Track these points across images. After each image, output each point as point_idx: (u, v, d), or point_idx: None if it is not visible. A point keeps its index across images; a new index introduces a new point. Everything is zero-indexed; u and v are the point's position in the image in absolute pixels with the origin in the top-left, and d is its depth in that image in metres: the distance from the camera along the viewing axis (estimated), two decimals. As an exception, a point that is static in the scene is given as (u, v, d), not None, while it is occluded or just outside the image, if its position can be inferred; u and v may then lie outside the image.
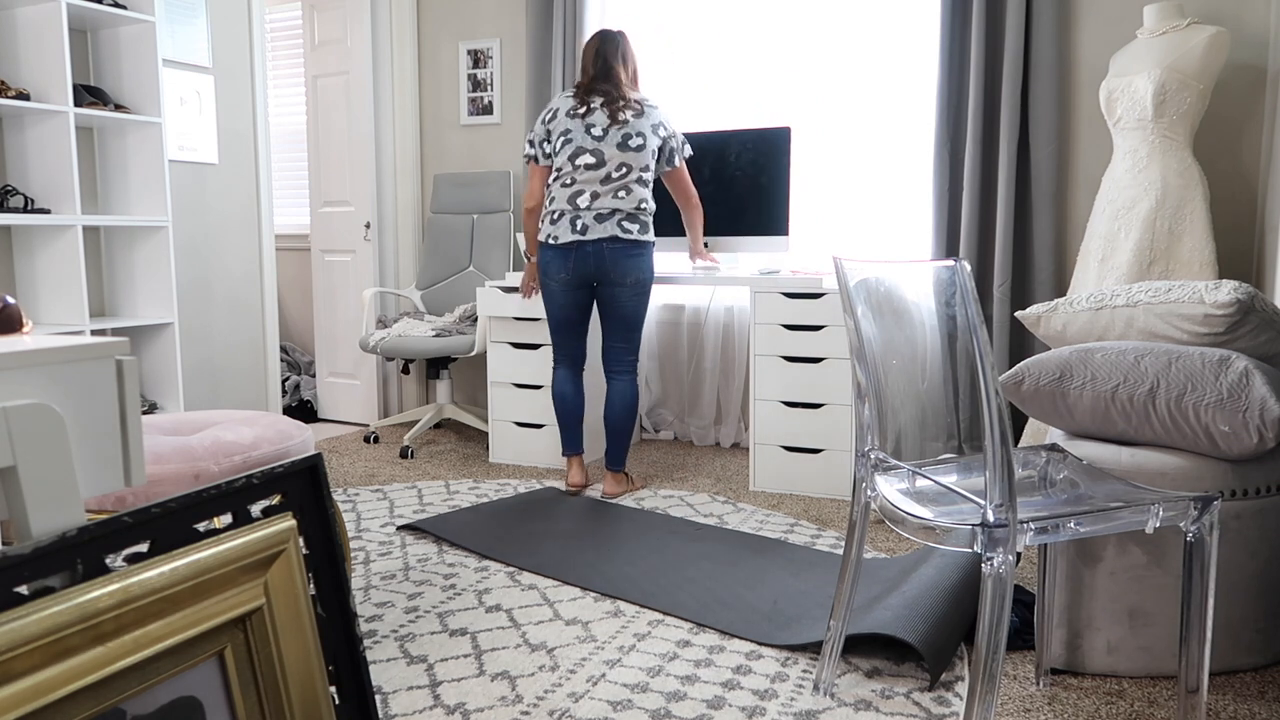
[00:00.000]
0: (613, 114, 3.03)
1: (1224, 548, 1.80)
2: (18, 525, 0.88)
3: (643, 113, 3.06)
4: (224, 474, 1.86)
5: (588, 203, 3.01)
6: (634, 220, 3.01)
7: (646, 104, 3.10)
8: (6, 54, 3.22)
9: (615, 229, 2.99)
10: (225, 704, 0.95)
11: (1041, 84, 3.31)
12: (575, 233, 3.01)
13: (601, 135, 3.02)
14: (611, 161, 3.02)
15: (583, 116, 3.05)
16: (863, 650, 2.01)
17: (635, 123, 3.03)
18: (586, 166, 3.02)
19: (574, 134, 3.05)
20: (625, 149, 3.01)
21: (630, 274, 3.03)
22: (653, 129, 3.07)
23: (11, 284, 3.35)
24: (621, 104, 3.04)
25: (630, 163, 3.01)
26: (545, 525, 2.85)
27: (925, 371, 1.62)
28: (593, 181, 3.01)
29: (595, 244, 3.00)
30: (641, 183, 3.03)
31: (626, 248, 3.01)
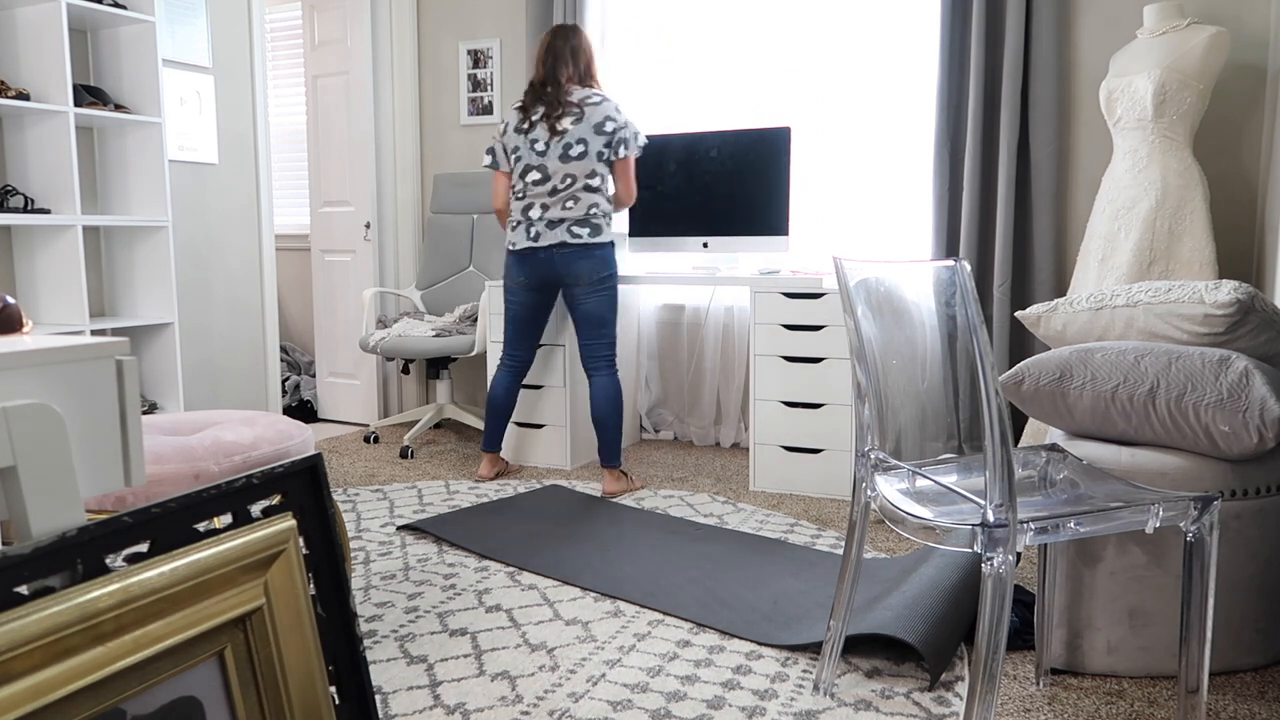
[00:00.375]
0: (551, 126, 3.13)
1: (1224, 548, 1.80)
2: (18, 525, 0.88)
3: (583, 116, 3.12)
4: (224, 474, 1.86)
5: (539, 214, 3.17)
6: (584, 224, 3.14)
7: (588, 102, 3.13)
8: (6, 54, 3.22)
9: (565, 234, 3.14)
10: (225, 704, 0.95)
11: (1041, 84, 3.31)
12: (529, 240, 3.18)
13: (544, 150, 3.15)
14: (556, 175, 3.14)
15: (526, 132, 3.19)
16: (863, 650, 2.01)
17: (575, 130, 3.12)
18: (534, 182, 3.18)
19: (522, 151, 3.19)
20: (567, 160, 3.13)
21: (584, 275, 3.16)
22: (595, 129, 3.12)
23: (11, 284, 3.35)
24: (560, 113, 3.13)
25: (574, 173, 3.13)
26: (545, 525, 2.85)
27: (925, 371, 1.62)
28: (541, 195, 3.17)
29: (547, 250, 3.17)
30: (588, 189, 3.14)
31: (575, 251, 3.15)
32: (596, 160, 3.14)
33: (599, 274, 3.17)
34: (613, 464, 3.25)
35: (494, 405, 3.39)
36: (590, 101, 3.13)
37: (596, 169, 3.14)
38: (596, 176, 3.14)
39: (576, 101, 3.13)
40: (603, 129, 3.13)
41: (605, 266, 3.19)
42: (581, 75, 3.20)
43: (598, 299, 3.20)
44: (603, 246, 3.18)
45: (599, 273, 3.17)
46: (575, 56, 3.19)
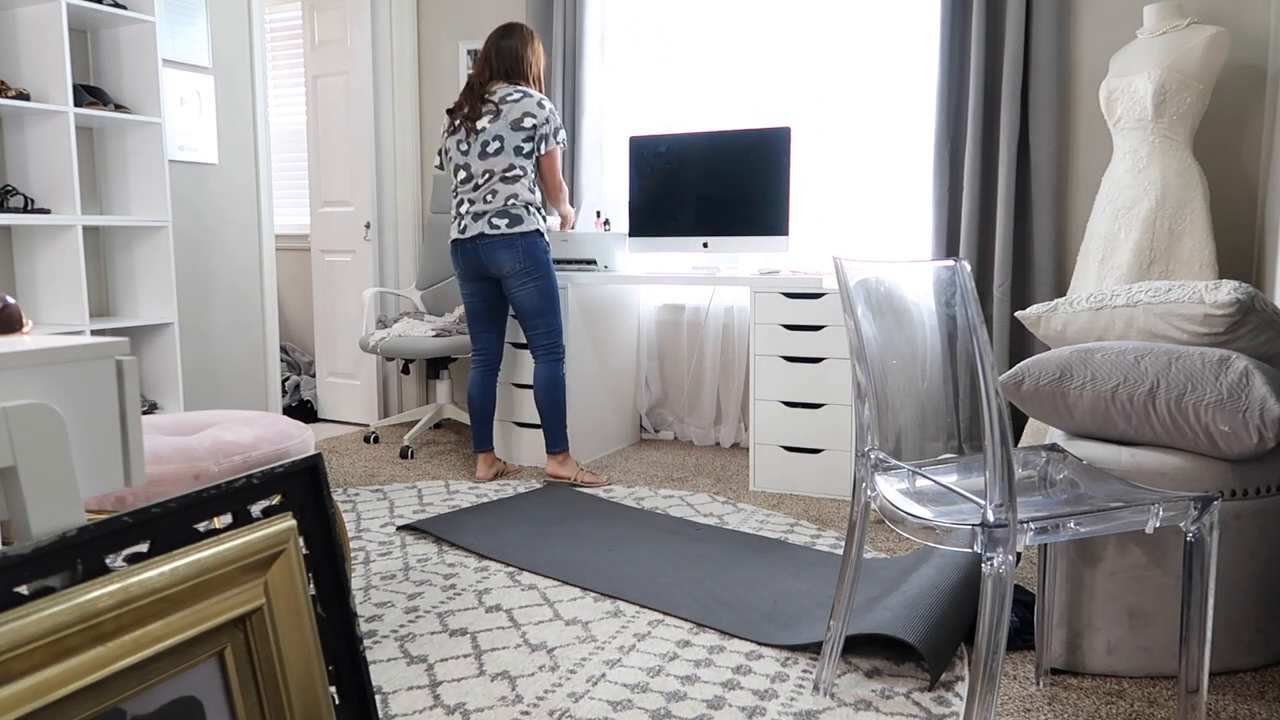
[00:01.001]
0: (469, 127, 3.24)
1: (1224, 548, 1.80)
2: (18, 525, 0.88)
3: (499, 114, 3.19)
4: (224, 474, 1.86)
5: (466, 208, 3.26)
6: (502, 215, 3.19)
7: (507, 100, 3.20)
8: (6, 54, 3.22)
9: (485, 226, 3.21)
10: (225, 704, 0.95)
11: (1041, 84, 3.31)
12: (459, 232, 3.28)
13: (466, 149, 3.25)
14: (477, 171, 3.23)
15: (454, 133, 3.30)
16: (863, 650, 2.01)
17: (491, 128, 3.20)
18: (461, 181, 3.28)
19: (452, 152, 3.32)
20: (485, 156, 3.21)
21: (505, 265, 3.22)
22: (512, 125, 3.18)
23: (11, 284, 3.35)
24: (478, 113, 3.22)
25: (491, 168, 3.21)
26: (545, 525, 2.85)
27: (925, 371, 1.62)
28: (467, 191, 3.27)
29: (472, 241, 3.25)
30: (506, 180, 3.20)
31: (495, 241, 3.20)
32: (514, 155, 3.19)
33: (521, 264, 3.20)
34: (552, 449, 3.34)
35: (472, 405, 3.44)
36: (510, 99, 3.20)
37: (515, 163, 3.20)
38: (514, 170, 3.19)
39: (496, 100, 3.21)
40: (520, 125, 3.19)
41: (528, 256, 3.21)
42: (508, 72, 3.25)
43: (526, 290, 3.23)
44: (524, 236, 3.20)
45: (521, 262, 3.20)
46: (502, 55, 3.26)
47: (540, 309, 3.26)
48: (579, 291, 3.65)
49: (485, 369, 3.42)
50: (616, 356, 3.93)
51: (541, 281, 3.25)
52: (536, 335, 3.30)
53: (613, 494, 3.25)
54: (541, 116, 3.21)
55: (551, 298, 3.28)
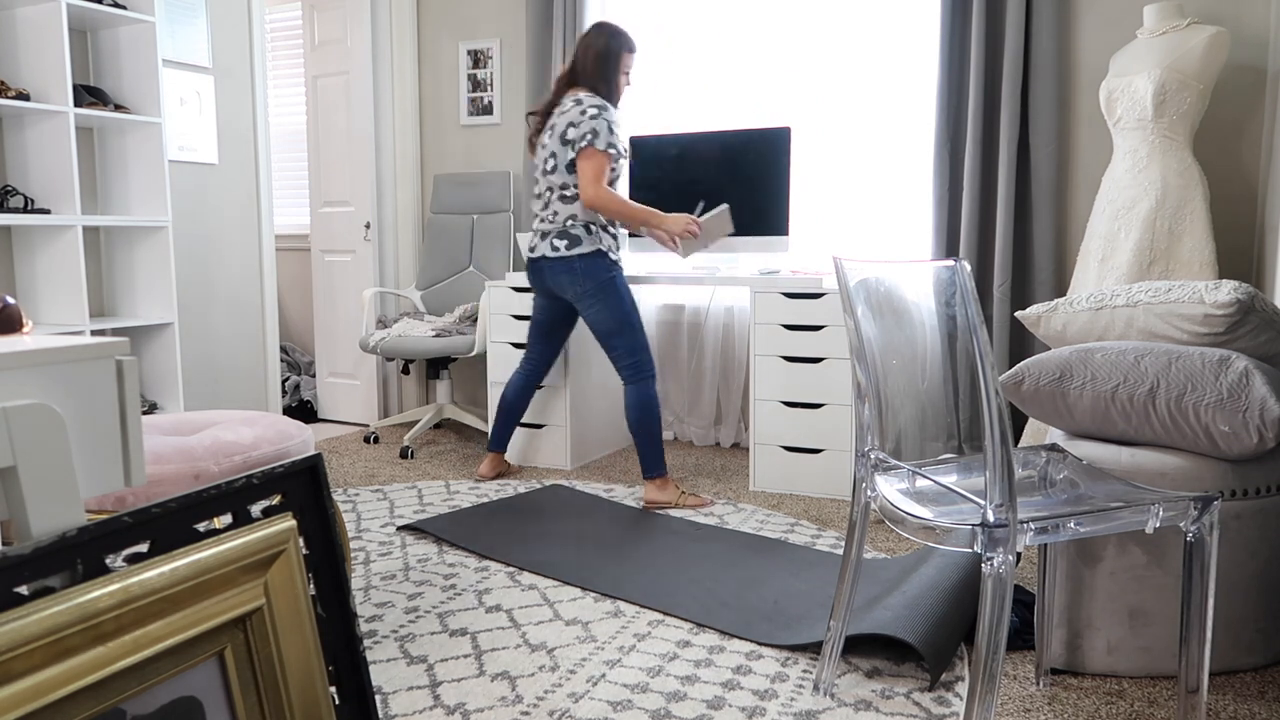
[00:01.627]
0: (533, 145, 3.22)
1: (1224, 548, 1.80)
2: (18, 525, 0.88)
3: (553, 127, 3.11)
4: (224, 474, 1.86)
5: (536, 224, 3.20)
6: (562, 237, 3.08)
7: (559, 110, 3.11)
8: (6, 54, 3.22)
9: (547, 248, 3.12)
10: (225, 704, 0.95)
11: (1041, 84, 3.31)
12: (529, 251, 3.22)
13: (537, 163, 3.20)
14: (541, 187, 3.19)
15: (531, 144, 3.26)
16: (863, 650, 2.01)
17: (549, 143, 3.13)
18: (535, 195, 3.23)
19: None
20: (545, 174, 3.15)
21: (569, 288, 3.10)
22: (560, 139, 3.07)
23: (11, 284, 3.35)
24: (541, 126, 3.18)
25: (551, 185, 3.13)
26: (545, 525, 2.85)
27: (925, 371, 1.62)
28: (538, 206, 3.21)
29: (538, 262, 3.17)
30: (563, 199, 3.09)
31: (556, 265, 3.10)
32: (566, 172, 3.07)
33: (583, 286, 3.06)
34: (649, 474, 3.09)
35: (503, 403, 3.36)
36: (561, 110, 3.10)
37: (568, 180, 3.08)
38: (568, 187, 3.08)
39: (555, 111, 3.13)
40: (565, 138, 3.06)
41: (588, 278, 3.05)
42: (577, 76, 3.11)
43: (594, 312, 3.08)
44: (584, 258, 3.05)
45: (582, 285, 3.06)
46: (577, 58, 3.12)
47: (612, 330, 3.07)
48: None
49: (527, 376, 3.33)
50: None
51: (608, 302, 3.06)
52: (617, 357, 3.09)
53: (613, 494, 3.25)
54: (581, 121, 3.02)
55: (622, 318, 3.06)
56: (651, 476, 3.09)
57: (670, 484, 3.11)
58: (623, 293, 3.08)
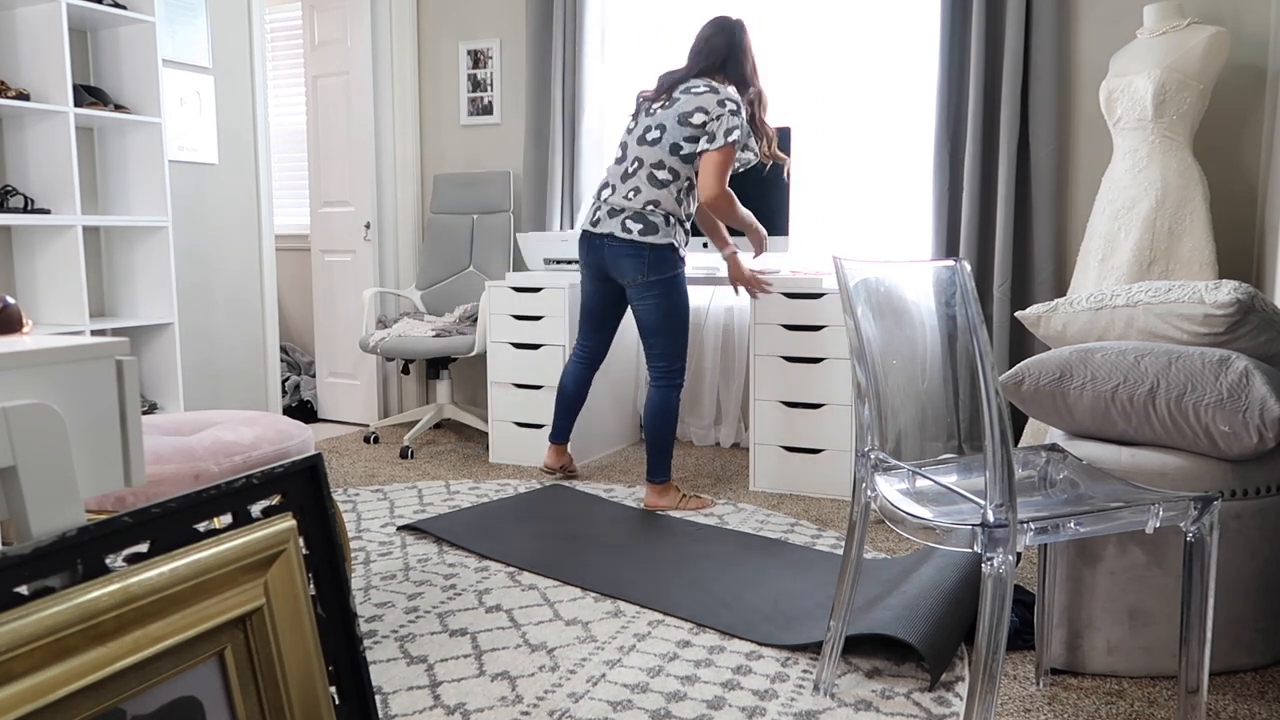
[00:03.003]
0: (646, 110, 2.97)
1: (1224, 548, 1.80)
2: (18, 525, 0.88)
3: (674, 101, 2.90)
4: (224, 474, 1.86)
5: (607, 194, 2.99)
6: (638, 220, 2.89)
7: (692, 90, 2.89)
8: (6, 54, 3.22)
9: (616, 227, 2.92)
10: (225, 704, 0.95)
11: (1041, 84, 3.31)
12: (589, 224, 3.01)
13: (633, 128, 2.99)
14: (630, 157, 2.96)
15: (636, 114, 3.03)
16: (863, 650, 2.01)
17: (661, 114, 2.91)
18: (616, 160, 3.02)
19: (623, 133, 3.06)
20: (643, 143, 2.93)
21: (629, 274, 2.93)
22: (680, 118, 2.87)
23: (11, 284, 3.35)
24: (664, 97, 2.93)
25: (643, 157, 2.92)
26: (545, 525, 2.85)
27: (925, 371, 1.62)
28: (615, 176, 3.00)
29: (600, 239, 2.97)
30: (654, 181, 2.89)
31: (623, 247, 2.91)
32: (670, 152, 2.87)
33: (645, 276, 2.91)
34: (653, 478, 3.06)
35: (563, 396, 3.21)
36: (693, 90, 2.89)
37: (666, 160, 2.88)
38: (664, 169, 2.88)
39: (680, 89, 2.92)
40: (689, 120, 2.86)
41: (654, 269, 2.90)
42: (712, 69, 2.94)
43: (647, 304, 2.94)
44: (656, 248, 2.89)
45: (645, 275, 2.91)
46: (711, 48, 2.94)
47: (660, 328, 2.96)
48: (579, 292, 3.65)
49: (585, 365, 3.19)
50: (616, 356, 3.93)
51: (666, 299, 2.93)
52: (653, 355, 3.00)
53: (613, 494, 3.25)
54: (716, 113, 2.84)
55: (675, 318, 2.96)
56: (655, 481, 3.06)
57: (672, 489, 3.08)
58: (683, 292, 2.98)
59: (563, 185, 4.15)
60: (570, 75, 4.08)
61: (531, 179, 4.18)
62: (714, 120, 2.84)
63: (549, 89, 4.13)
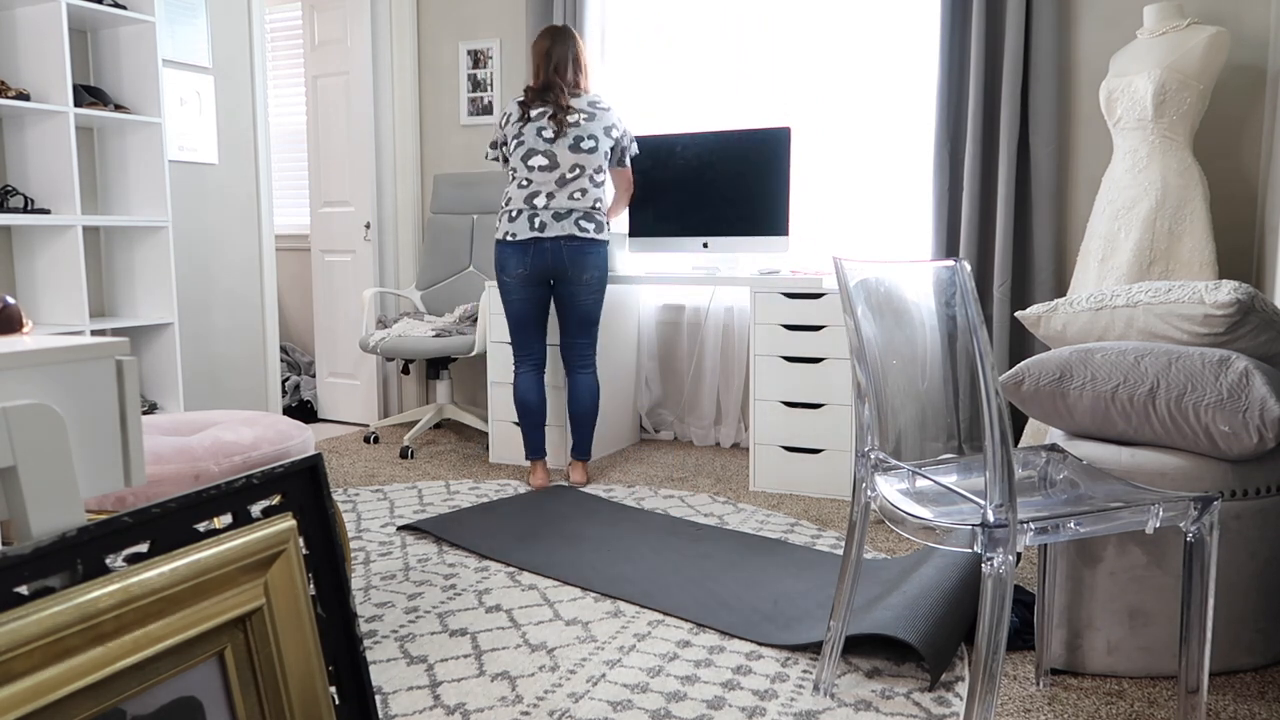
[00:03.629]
0: (560, 121, 3.15)
1: (1224, 548, 1.80)
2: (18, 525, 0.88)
3: (594, 116, 3.18)
4: (224, 474, 1.86)
5: (545, 202, 3.13)
6: (590, 219, 3.13)
7: (598, 106, 3.21)
8: (6, 54, 3.22)
9: (573, 227, 3.11)
10: (225, 704, 0.95)
11: (1041, 84, 3.31)
12: (534, 230, 3.13)
13: (553, 138, 3.16)
14: (565, 163, 3.14)
15: (533, 120, 3.18)
16: (863, 650, 2.01)
17: (586, 125, 3.16)
18: (540, 168, 3.15)
19: (526, 137, 3.17)
20: (578, 151, 3.14)
21: (587, 270, 3.15)
22: (605, 130, 3.19)
23: (11, 284, 3.35)
24: (568, 111, 3.16)
25: (583, 164, 3.14)
26: (545, 525, 2.85)
27: (925, 371, 1.62)
28: (548, 183, 3.14)
29: (554, 241, 3.12)
30: (595, 183, 3.16)
31: (584, 245, 3.13)
32: (605, 159, 3.20)
33: (599, 271, 3.19)
34: (586, 457, 3.37)
35: (529, 409, 3.28)
36: (600, 105, 3.22)
37: (603, 165, 3.20)
38: (602, 173, 3.19)
39: (585, 104, 3.20)
40: (610, 133, 3.21)
41: (606, 265, 3.23)
42: (582, 82, 3.26)
43: (593, 298, 3.23)
44: (605, 244, 3.21)
45: (599, 270, 3.19)
46: (576, 63, 3.24)
47: (596, 318, 3.28)
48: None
49: (538, 372, 3.30)
50: (616, 356, 3.93)
51: (603, 293, 3.27)
52: (586, 345, 3.27)
53: (613, 494, 3.25)
54: (623, 129, 3.29)
55: (601, 310, 3.33)
56: (588, 459, 3.36)
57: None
58: None
59: (563, 185, 4.15)
60: (570, 75, 4.08)
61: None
62: (625, 135, 3.29)
63: (549, 89, 4.13)
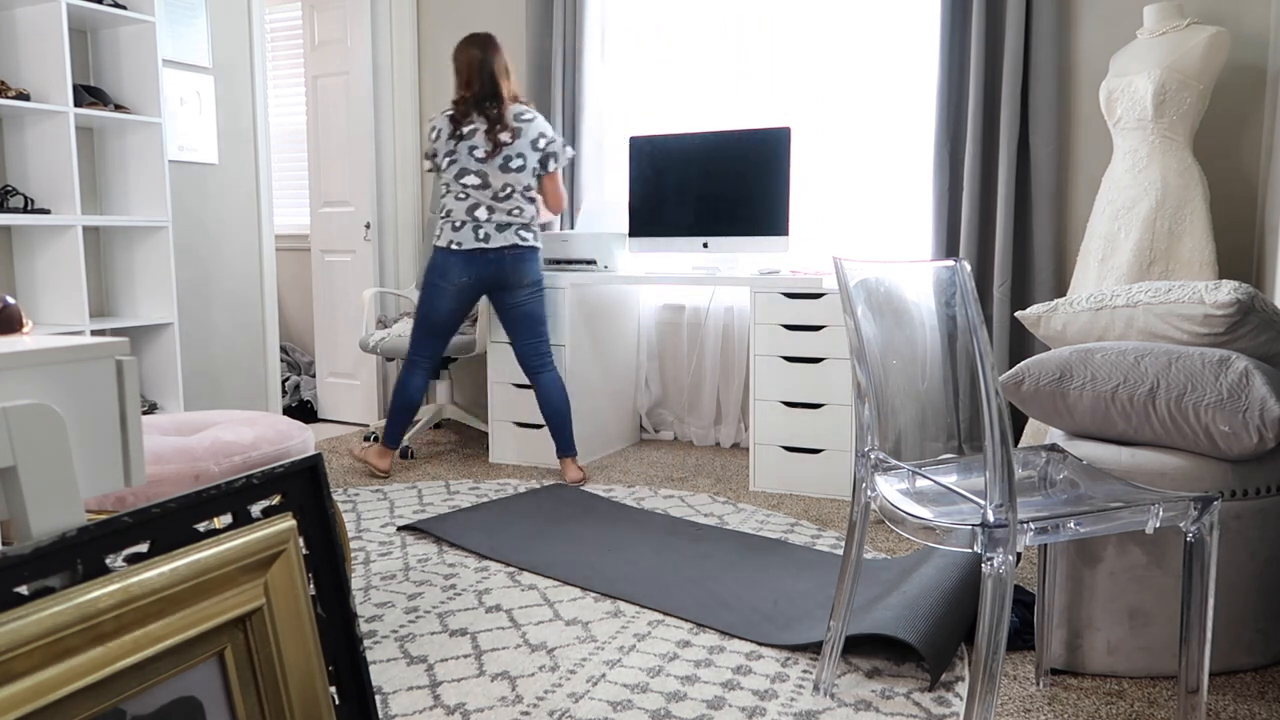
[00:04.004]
0: (494, 141, 3.28)
1: (1224, 548, 1.80)
2: (18, 525, 0.88)
3: (520, 132, 3.30)
4: (224, 474, 1.86)
5: (485, 215, 3.29)
6: (528, 230, 3.34)
7: (523, 117, 3.31)
8: (6, 54, 3.22)
9: (514, 237, 3.31)
10: (225, 704, 0.95)
11: (1041, 84, 3.31)
12: (479, 241, 3.29)
13: (484, 158, 3.28)
14: (496, 182, 3.29)
15: (466, 138, 3.29)
16: (863, 650, 2.01)
17: (515, 145, 3.29)
18: (475, 186, 3.30)
19: (459, 156, 3.30)
20: (508, 170, 3.29)
21: (529, 275, 3.35)
22: (531, 145, 3.32)
23: (11, 284, 3.35)
24: (500, 127, 3.27)
25: (513, 183, 3.30)
26: (545, 525, 2.85)
27: (925, 371, 1.62)
28: (486, 198, 3.30)
29: (497, 252, 3.30)
30: (526, 199, 3.34)
31: (524, 253, 3.33)
32: (532, 175, 3.33)
33: (538, 276, 3.38)
34: (575, 452, 3.41)
35: (409, 403, 3.41)
36: (525, 118, 3.32)
37: (531, 183, 3.34)
38: (531, 189, 3.35)
39: (510, 117, 3.30)
40: (537, 145, 3.32)
41: (541, 270, 3.41)
42: (512, 89, 3.35)
43: (537, 299, 3.38)
44: (539, 251, 3.40)
45: (538, 274, 3.38)
46: (505, 73, 3.33)
47: (544, 318, 3.43)
48: (579, 292, 3.65)
49: (431, 368, 3.45)
50: (616, 356, 3.93)
51: (544, 294, 3.44)
52: (542, 344, 3.40)
53: (613, 494, 3.25)
54: (550, 135, 3.36)
55: (546, 311, 3.47)
56: (573, 454, 3.40)
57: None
58: None
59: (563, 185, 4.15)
60: (570, 75, 4.08)
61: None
62: (553, 143, 3.38)
63: (549, 89, 4.13)
